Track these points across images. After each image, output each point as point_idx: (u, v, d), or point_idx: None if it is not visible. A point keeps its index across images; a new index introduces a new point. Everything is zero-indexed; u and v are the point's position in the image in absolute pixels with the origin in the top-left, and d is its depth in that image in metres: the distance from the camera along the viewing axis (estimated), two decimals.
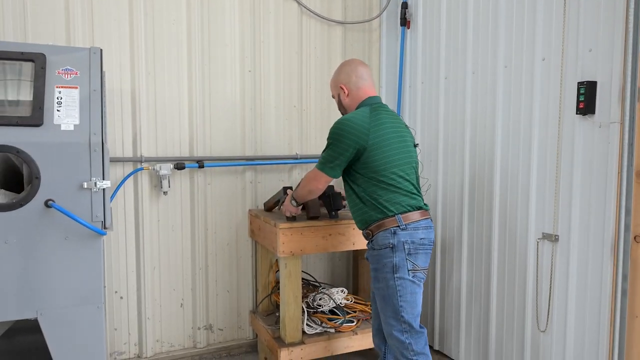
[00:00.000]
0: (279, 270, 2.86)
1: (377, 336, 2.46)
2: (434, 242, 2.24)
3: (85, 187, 1.92)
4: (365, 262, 3.37)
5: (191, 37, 2.96)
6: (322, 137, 3.36)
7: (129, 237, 2.90)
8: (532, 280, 2.42)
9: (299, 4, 3.24)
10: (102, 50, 2.06)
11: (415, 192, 2.20)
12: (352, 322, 2.84)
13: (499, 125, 2.58)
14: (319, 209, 2.71)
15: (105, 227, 1.97)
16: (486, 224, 2.70)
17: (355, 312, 2.93)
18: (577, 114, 2.13)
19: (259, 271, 3.18)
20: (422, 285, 2.17)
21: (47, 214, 1.88)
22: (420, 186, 2.29)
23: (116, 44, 2.78)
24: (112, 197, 2.78)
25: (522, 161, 2.45)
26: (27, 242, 1.87)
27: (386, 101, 3.49)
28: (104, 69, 2.51)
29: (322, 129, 3.37)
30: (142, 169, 2.85)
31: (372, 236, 2.18)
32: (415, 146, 2.31)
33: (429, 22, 3.14)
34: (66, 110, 1.93)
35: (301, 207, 2.57)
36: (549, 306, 2.33)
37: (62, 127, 1.91)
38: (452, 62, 2.94)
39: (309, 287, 3.20)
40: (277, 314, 2.93)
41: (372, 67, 3.49)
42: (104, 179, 1.95)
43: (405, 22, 3.30)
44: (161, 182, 2.87)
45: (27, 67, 1.95)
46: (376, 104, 2.25)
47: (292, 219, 2.64)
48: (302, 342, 2.67)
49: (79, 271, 1.94)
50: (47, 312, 1.91)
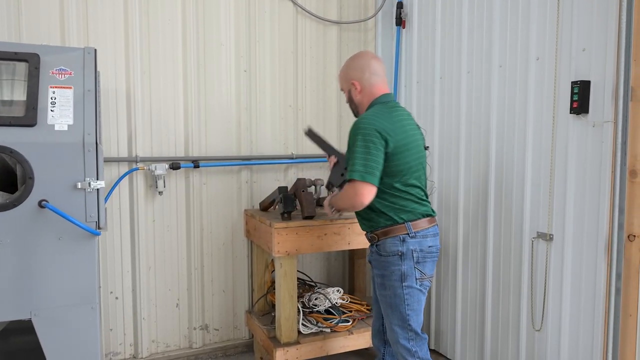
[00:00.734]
0: (274, 270, 2.86)
1: (377, 337, 2.44)
2: (440, 249, 2.19)
3: (79, 187, 1.92)
4: (360, 261, 3.38)
5: (186, 37, 2.95)
6: None
7: (124, 237, 2.89)
8: (527, 279, 2.43)
9: (295, 3, 3.24)
10: (96, 50, 2.06)
11: (424, 198, 2.15)
12: (348, 321, 2.85)
13: (493, 124, 2.59)
14: (315, 209, 2.71)
15: (99, 227, 1.97)
16: (481, 223, 2.70)
17: (351, 311, 2.94)
18: (571, 113, 2.14)
19: (254, 271, 3.17)
20: (426, 292, 2.14)
21: (41, 215, 1.87)
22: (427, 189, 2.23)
23: (111, 43, 2.78)
24: (107, 197, 2.78)
25: (516, 160, 2.46)
26: (21, 243, 1.87)
27: None
28: (99, 69, 2.50)
29: (318, 128, 3.37)
30: (137, 169, 2.84)
31: (377, 240, 2.10)
32: (425, 149, 2.22)
33: (424, 22, 3.14)
34: (60, 110, 1.93)
35: (340, 213, 2.40)
36: (544, 305, 2.34)
37: (56, 127, 1.91)
38: (447, 61, 2.94)
39: (305, 286, 3.20)
40: (273, 314, 2.93)
41: None
42: (98, 179, 1.95)
43: (400, 21, 3.31)
44: (156, 182, 2.86)
45: (21, 67, 1.94)
46: (391, 103, 2.14)
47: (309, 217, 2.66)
48: (297, 342, 2.68)
49: (73, 272, 1.94)
50: (41, 312, 1.90)
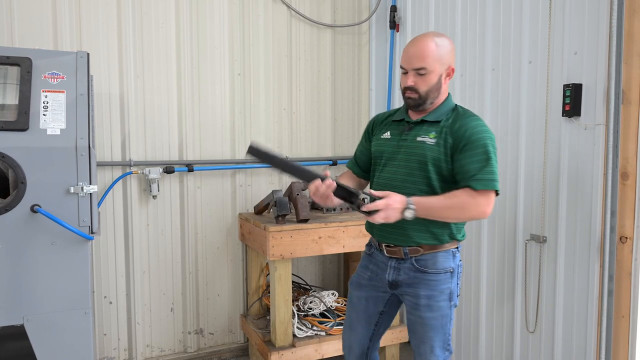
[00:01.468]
0: (269, 273, 2.86)
1: None
2: None
3: (72, 191, 1.91)
4: (355, 265, 3.34)
5: (180, 40, 2.95)
6: (312, 140, 3.37)
7: (118, 241, 2.88)
8: (521, 281, 2.43)
9: (289, 7, 3.24)
10: (89, 54, 2.05)
11: None
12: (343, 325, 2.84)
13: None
14: (309, 212, 2.71)
15: (92, 232, 1.96)
16: (475, 225, 2.71)
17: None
18: (563, 116, 2.16)
19: (249, 275, 3.17)
20: None
21: (33, 219, 1.87)
22: None
23: (104, 47, 2.77)
24: (101, 201, 2.77)
25: (509, 163, 2.47)
26: (13, 248, 1.86)
27: (376, 103, 3.50)
28: (92, 73, 2.50)
29: (312, 131, 3.38)
30: (131, 172, 2.84)
31: (420, 255, 1.81)
32: None
33: (418, 25, 3.15)
34: (52, 114, 1.92)
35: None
36: (538, 307, 2.35)
37: (49, 132, 1.90)
38: None
39: (300, 290, 3.20)
40: (268, 318, 2.93)
41: (362, 70, 3.50)
42: (90, 184, 1.94)
43: (394, 25, 3.32)
44: (150, 186, 2.86)
45: (13, 71, 1.93)
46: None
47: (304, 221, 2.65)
48: (292, 346, 2.67)
49: (66, 276, 1.93)
50: (34, 318, 1.89)
